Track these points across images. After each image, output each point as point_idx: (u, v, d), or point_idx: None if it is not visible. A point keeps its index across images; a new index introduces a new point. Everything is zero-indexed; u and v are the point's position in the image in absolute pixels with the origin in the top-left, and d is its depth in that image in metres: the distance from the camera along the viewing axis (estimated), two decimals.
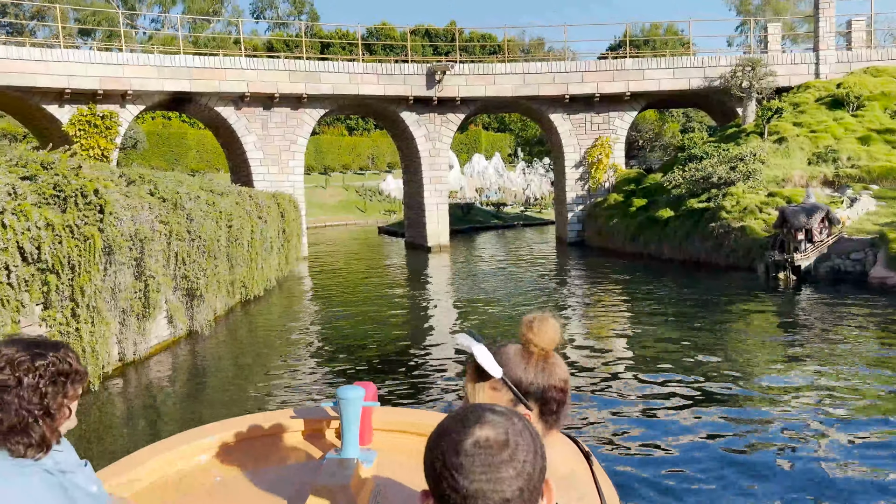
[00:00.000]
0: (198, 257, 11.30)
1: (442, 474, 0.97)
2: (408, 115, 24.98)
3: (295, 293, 17.71)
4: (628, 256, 21.28)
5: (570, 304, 15.06)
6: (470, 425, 1.00)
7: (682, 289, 15.67)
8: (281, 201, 18.55)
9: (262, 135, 23.93)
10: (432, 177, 25.40)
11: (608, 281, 17.67)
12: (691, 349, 10.06)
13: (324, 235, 38.08)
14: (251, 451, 2.43)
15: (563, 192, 26.02)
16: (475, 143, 61.74)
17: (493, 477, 0.95)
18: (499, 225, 38.12)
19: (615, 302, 15.07)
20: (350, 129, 66.48)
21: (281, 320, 13.79)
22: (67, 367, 1.65)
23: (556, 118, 25.23)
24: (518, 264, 21.50)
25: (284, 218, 18.53)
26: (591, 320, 13.24)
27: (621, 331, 12.13)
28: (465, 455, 0.97)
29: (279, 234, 18.15)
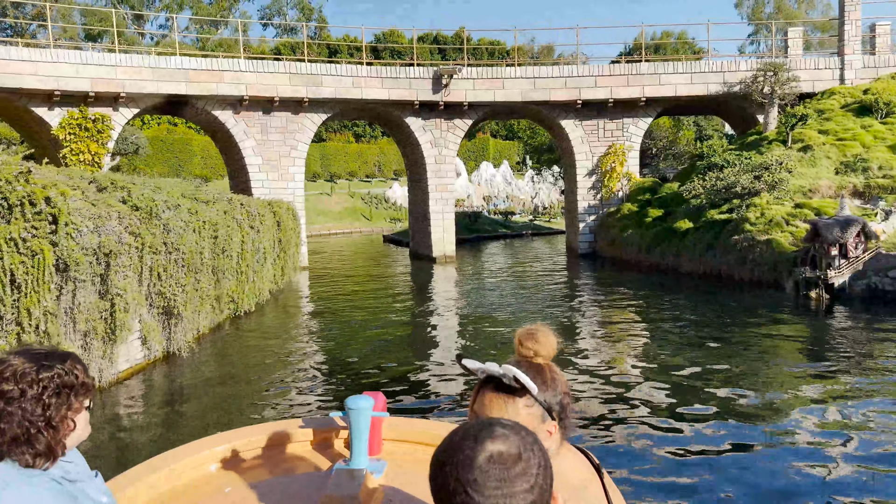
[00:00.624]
0: (176, 272, 10.22)
1: (456, 490, 0.95)
2: (413, 121, 23.92)
3: (291, 307, 16.62)
4: (643, 269, 20.11)
5: (581, 322, 13.92)
6: (482, 440, 0.98)
7: (703, 306, 14.49)
8: (277, 210, 17.48)
9: (261, 140, 22.91)
10: (438, 184, 24.31)
11: (622, 296, 16.51)
12: (714, 377, 9.05)
13: (328, 244, 37.04)
14: (260, 461, 2.42)
15: (574, 201, 24.87)
16: (483, 151, 60.68)
17: (508, 492, 0.94)
18: (507, 234, 36.98)
19: (630, 320, 13.93)
20: (357, 137, 65.59)
21: (273, 337, 12.69)
22: (73, 380, 1.65)
23: (567, 124, 24.12)
24: (527, 277, 20.36)
25: (281, 227, 17.46)
26: (605, 342, 12.12)
27: (637, 353, 11.03)
28: (480, 471, 0.95)
29: (275, 245, 17.08)
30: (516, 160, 61.66)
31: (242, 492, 2.22)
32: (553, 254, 27.22)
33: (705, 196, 18.00)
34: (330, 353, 11.33)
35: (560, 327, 13.16)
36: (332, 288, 19.48)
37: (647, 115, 24.16)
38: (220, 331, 12.76)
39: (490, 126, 65.80)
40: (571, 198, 25.38)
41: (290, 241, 19.30)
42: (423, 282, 20.73)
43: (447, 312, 15.07)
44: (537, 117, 25.57)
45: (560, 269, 22.30)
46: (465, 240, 33.92)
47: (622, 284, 18.15)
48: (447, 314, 14.91)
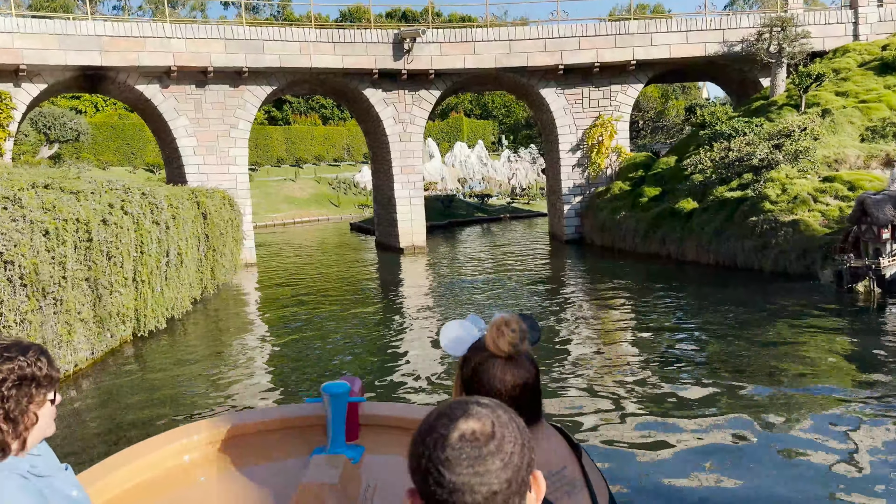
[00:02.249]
0: (5, 294, 7.05)
1: (428, 470, 0.93)
2: (372, 93, 20.71)
3: (220, 316, 13.49)
4: (640, 258, 17.20)
5: (573, 323, 11.08)
6: (455, 419, 0.96)
7: (716, 304, 11.67)
8: (204, 199, 14.26)
9: (195, 118, 19.57)
10: (403, 166, 21.17)
11: (618, 291, 13.66)
12: (739, 397, 7.02)
13: (289, 234, 33.76)
14: (237, 449, 2.37)
15: (557, 181, 21.87)
16: (457, 131, 57.43)
17: (480, 470, 0.92)
18: (483, 219, 33.94)
19: (630, 320, 11.16)
20: (325, 119, 62.00)
21: (184, 362, 9.58)
22: (35, 372, 1.57)
23: (548, 94, 21.05)
24: (507, 269, 17.35)
25: (208, 220, 14.26)
26: (602, 347, 9.42)
27: (640, 365, 8.32)
28: (451, 449, 0.94)
29: (200, 242, 13.90)
30: (492, 140, 58.52)
31: (218, 481, 2.20)
32: (535, 240, 24.22)
33: (713, 170, 15.06)
34: (256, 383, 8.29)
35: (548, 332, 10.35)
36: (276, 290, 16.34)
37: (638, 81, 21.16)
38: (113, 359, 9.63)
39: (464, 105, 62.52)
40: (554, 177, 22.37)
41: (227, 235, 16.09)
42: (386, 279, 17.65)
43: (413, 321, 12.04)
44: (514, 87, 22.45)
45: (544, 259, 19.32)
46: (438, 226, 30.85)
47: (616, 276, 15.24)
48: (413, 322, 11.89)
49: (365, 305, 13.91)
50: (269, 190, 44.17)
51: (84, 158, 39.20)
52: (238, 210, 18.13)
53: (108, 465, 2.21)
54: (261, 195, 43.16)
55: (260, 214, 40.68)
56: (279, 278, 18.42)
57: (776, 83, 18.96)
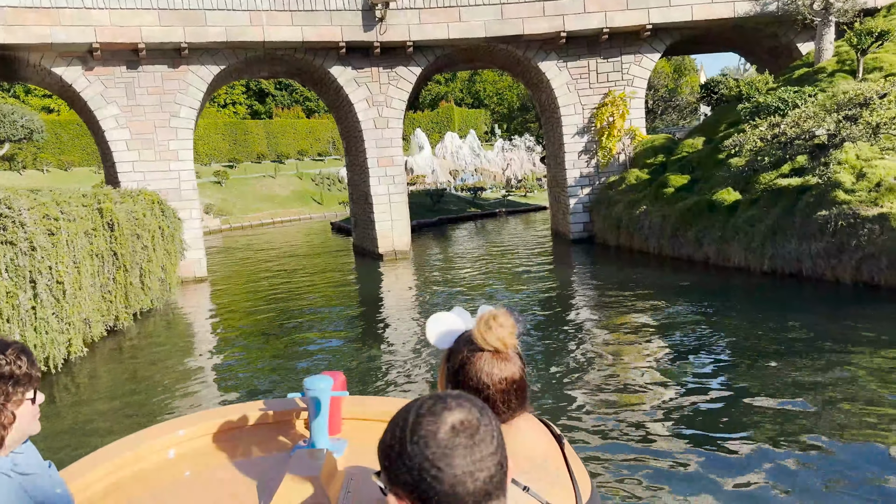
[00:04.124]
0: None
1: (423, 468, 0.92)
2: (340, 72, 17.26)
3: (134, 356, 10.06)
4: (668, 263, 13.84)
5: (585, 356, 7.79)
6: (439, 413, 0.95)
7: (776, 328, 8.45)
8: (109, 206, 10.80)
9: (126, 106, 16.10)
10: (380, 157, 17.74)
11: (642, 308, 10.38)
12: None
13: (263, 236, 30.30)
14: (220, 445, 2.34)
15: (561, 170, 18.46)
16: (447, 121, 53.90)
17: (477, 457, 0.93)
18: (477, 214, 30.54)
19: (657, 352, 7.97)
20: (309, 112, 58.44)
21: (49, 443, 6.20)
22: (13, 370, 1.52)
23: (548, 68, 17.62)
24: (503, 281, 13.96)
25: (117, 233, 10.82)
26: (619, 395, 6.20)
27: (672, 423, 5.12)
28: (445, 442, 0.93)
29: (106, 262, 10.49)
30: (484, 130, 55.04)
31: (202, 476, 2.19)
32: (535, 239, 20.82)
33: (767, 152, 11.65)
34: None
35: (553, 371, 7.64)
36: (221, 315, 12.95)
37: (654, 51, 17.73)
38: None
39: (454, 94, 58.98)
40: (557, 166, 18.97)
41: (154, 249, 12.67)
42: (361, 298, 14.25)
43: (391, 367, 8.64)
44: (509, 62, 18.99)
45: (547, 266, 15.93)
46: (427, 224, 27.46)
47: (638, 287, 11.88)
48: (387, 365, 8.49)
49: (323, 333, 10.50)
50: (245, 188, 40.68)
51: (42, 159, 35.67)
52: (174, 216, 14.68)
53: (91, 460, 2.21)
54: (236, 194, 39.70)
55: (235, 215, 37.24)
56: (228, 297, 15.01)
57: (822, 46, 15.54)
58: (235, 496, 2.02)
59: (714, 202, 13.03)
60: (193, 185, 16.73)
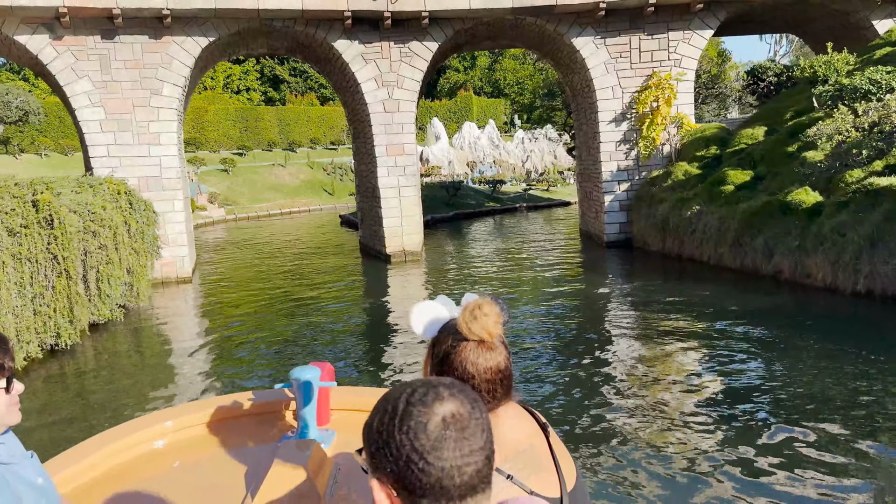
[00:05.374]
0: None
1: (411, 459, 0.89)
2: (346, 46, 15.01)
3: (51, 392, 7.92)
4: (727, 275, 11.49)
5: (624, 399, 5.55)
6: (429, 404, 0.91)
7: (884, 371, 6.11)
8: (47, 198, 8.64)
9: (101, 82, 13.96)
10: (389, 145, 15.50)
11: (695, 334, 8.15)
12: None
13: (267, 228, 28.20)
14: (208, 435, 2.33)
15: (595, 162, 16.11)
16: (466, 111, 51.47)
17: (465, 451, 0.90)
18: (495, 209, 28.22)
19: (718, 398, 5.77)
20: (323, 100, 56.26)
21: None
22: None
23: (583, 45, 15.26)
24: (525, 297, 11.68)
25: (57, 232, 8.65)
26: (668, 455, 3.85)
27: None
28: (435, 434, 0.89)
29: (41, 266, 8.36)
30: (503, 120, 52.57)
31: (191, 466, 2.17)
32: (561, 240, 18.49)
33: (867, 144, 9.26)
34: None
35: (585, 422, 5.91)
36: (191, 326, 10.80)
37: (705, 27, 15.29)
38: None
39: (473, 83, 56.48)
40: (589, 157, 16.62)
41: (116, 249, 10.52)
42: (359, 309, 12.03)
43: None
44: (538, 39, 16.63)
45: (576, 274, 13.63)
46: (443, 219, 25.20)
47: (690, 307, 9.62)
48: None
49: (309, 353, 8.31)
50: (254, 177, 38.60)
51: (41, 143, 33.77)
52: (148, 208, 12.54)
53: (78, 451, 2.19)
54: (244, 183, 37.63)
55: (241, 205, 35.18)
56: (210, 305, 12.88)
57: None
58: (223, 486, 1.99)
59: (788, 204, 10.65)
60: (177, 174, 14.58)
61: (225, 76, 56.83)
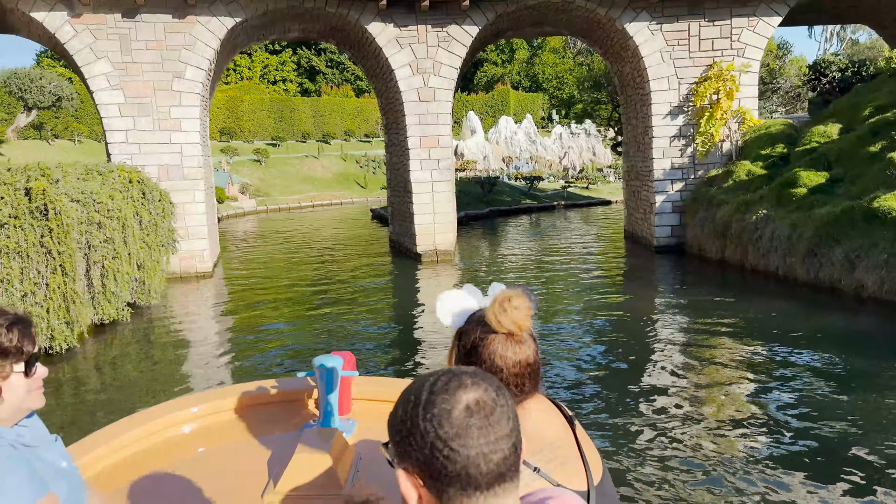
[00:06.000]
0: None
1: (435, 447, 0.87)
2: (380, 29, 13.95)
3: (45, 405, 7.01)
4: (799, 290, 10.15)
5: (672, 439, 4.27)
6: (453, 391, 0.90)
7: None
8: (41, 185, 7.70)
9: (120, 63, 13.12)
10: (423, 136, 14.41)
11: (763, 362, 6.98)
12: None
13: (298, 221, 27.37)
14: (232, 422, 2.36)
15: (645, 159, 14.82)
16: (502, 105, 50.18)
17: (491, 438, 0.88)
18: (532, 207, 26.98)
19: (800, 442, 4.31)
20: (359, 92, 55.45)
21: None
22: (1, 342, 1.46)
23: (637, 30, 13.96)
24: (563, 305, 10.48)
25: (53, 224, 7.73)
26: None
27: None
28: (460, 422, 0.87)
29: (32, 262, 7.45)
30: (541, 115, 51.13)
31: (215, 453, 2.16)
32: (604, 242, 17.21)
33: None
34: None
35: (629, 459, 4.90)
36: (204, 327, 9.85)
37: (773, 13, 13.87)
38: None
39: (511, 76, 55.10)
40: (639, 153, 15.32)
41: (126, 242, 9.62)
42: (386, 313, 10.96)
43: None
44: (587, 25, 15.37)
45: (621, 281, 12.38)
46: (477, 216, 24.06)
47: (757, 330, 8.35)
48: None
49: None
50: (287, 168, 37.88)
51: (73, 129, 33.42)
52: (164, 199, 11.64)
53: (104, 434, 2.19)
54: (277, 174, 36.94)
55: (273, 196, 34.48)
56: (229, 302, 11.96)
57: None
58: (246, 473, 1.99)
59: (875, 211, 9.29)
60: (199, 162, 13.68)
61: (262, 66, 56.40)
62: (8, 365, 1.47)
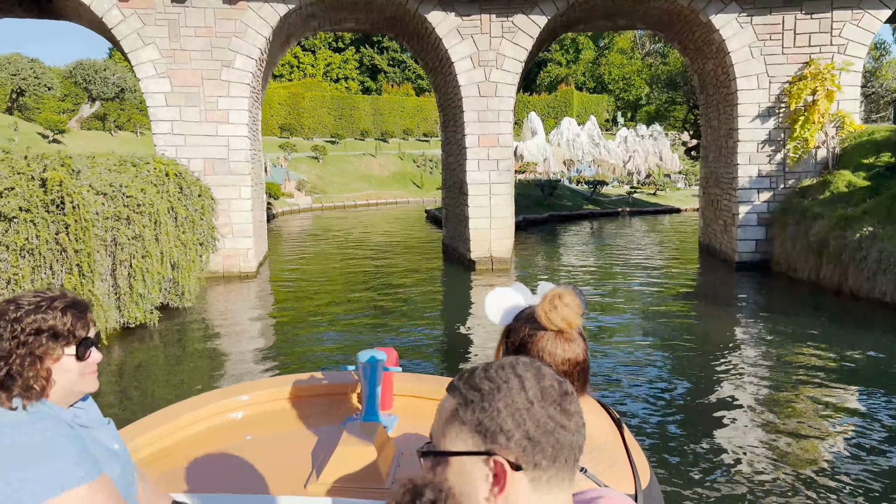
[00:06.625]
0: None
1: (548, 429, 0.85)
2: (440, 19, 12.94)
3: None
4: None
5: None
6: (547, 375, 0.89)
7: None
8: (57, 175, 6.95)
9: (168, 50, 12.50)
10: (482, 134, 13.33)
11: (863, 414, 5.55)
12: None
13: (352, 219, 26.69)
14: (279, 411, 2.41)
15: (727, 165, 13.37)
16: (565, 106, 48.66)
17: (580, 423, 0.89)
18: (595, 212, 25.57)
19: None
20: (420, 91, 54.82)
21: None
22: (53, 325, 1.47)
23: (724, 23, 12.54)
24: (627, 324, 9.22)
25: (70, 219, 6.97)
26: None
27: None
28: (572, 411, 0.88)
29: (45, 261, 6.71)
30: (605, 118, 49.36)
31: (261, 440, 2.21)
32: (675, 255, 15.76)
33: None
34: None
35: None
36: (240, 333, 9.01)
37: (882, 6, 12.23)
38: None
39: (575, 77, 53.45)
40: (720, 160, 13.87)
41: (158, 240, 8.88)
42: (429, 329, 9.90)
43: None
44: (664, 17, 14.01)
45: (694, 302, 11.00)
46: (535, 221, 22.84)
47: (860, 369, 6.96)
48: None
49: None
50: (344, 166, 37.39)
51: (136, 120, 33.66)
52: (205, 194, 10.90)
53: (154, 419, 2.22)
54: (334, 171, 36.48)
55: (329, 194, 33.99)
56: (269, 302, 11.16)
57: None
58: (291, 462, 2.03)
59: None
60: (247, 157, 12.95)
61: (325, 64, 56.41)
62: (59, 347, 1.50)
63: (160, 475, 1.97)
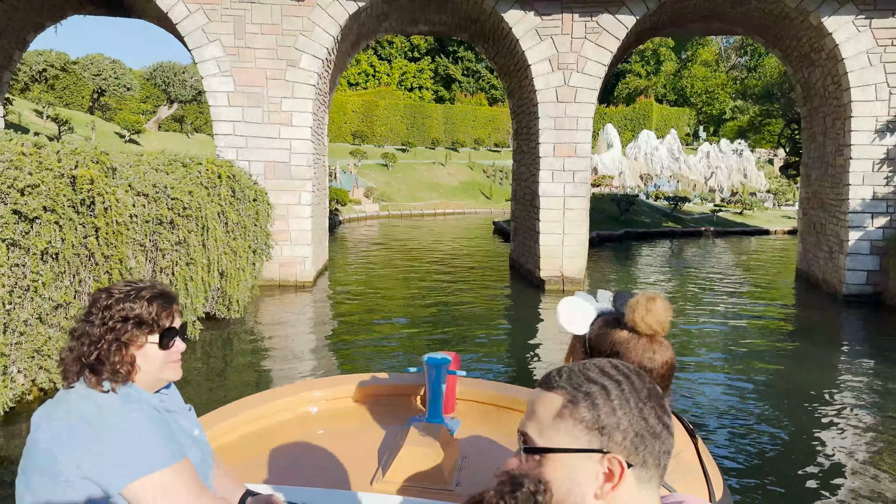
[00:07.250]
0: None
1: (659, 434, 0.87)
2: (517, 18, 11.97)
3: None
4: None
5: None
6: (645, 378, 0.90)
7: None
8: (88, 173, 6.34)
9: (233, 48, 12.01)
10: (558, 143, 12.26)
11: None
12: None
13: (418, 229, 25.97)
14: (348, 408, 2.47)
15: (836, 186, 11.84)
16: (644, 119, 46.79)
17: (671, 422, 0.89)
18: (675, 231, 23.98)
19: None
20: (493, 101, 53.99)
21: None
22: (139, 313, 1.53)
23: (837, 26, 11.08)
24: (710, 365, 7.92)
25: (101, 222, 6.36)
26: None
27: None
28: (669, 414, 0.89)
29: (69, 267, 6.09)
30: (685, 132, 47.19)
31: (331, 435, 2.25)
32: (767, 283, 14.19)
33: None
34: None
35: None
36: (289, 349, 8.24)
37: None
38: None
39: (655, 89, 51.44)
40: (826, 179, 12.34)
41: (206, 246, 8.25)
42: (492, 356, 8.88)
43: None
44: (766, 21, 12.60)
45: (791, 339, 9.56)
46: (610, 238, 21.51)
47: None
48: None
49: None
50: (413, 174, 36.85)
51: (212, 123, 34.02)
52: (260, 198, 10.25)
53: (231, 409, 2.27)
54: (402, 179, 35.97)
55: (396, 202, 33.47)
56: (323, 315, 10.41)
57: None
58: (358, 458, 2.05)
59: None
60: (309, 161, 12.31)
61: (400, 73, 56.36)
62: (143, 335, 1.53)
63: (234, 464, 2.01)
